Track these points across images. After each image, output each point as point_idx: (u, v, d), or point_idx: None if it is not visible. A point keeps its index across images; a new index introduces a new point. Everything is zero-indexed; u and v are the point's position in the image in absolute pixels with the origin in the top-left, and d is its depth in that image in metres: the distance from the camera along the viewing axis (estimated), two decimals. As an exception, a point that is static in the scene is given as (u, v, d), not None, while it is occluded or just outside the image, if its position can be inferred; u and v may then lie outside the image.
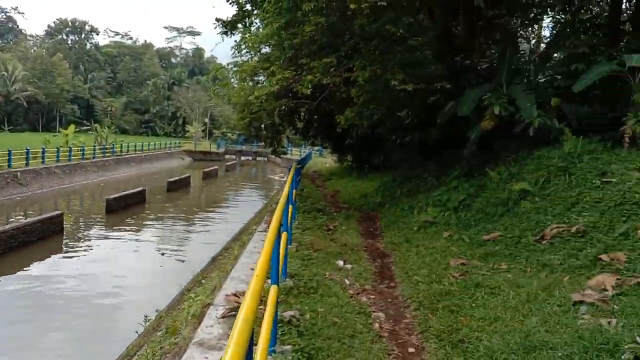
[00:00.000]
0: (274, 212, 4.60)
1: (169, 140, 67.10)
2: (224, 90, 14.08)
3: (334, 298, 5.52)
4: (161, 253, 15.50)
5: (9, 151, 26.04)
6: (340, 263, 7.31)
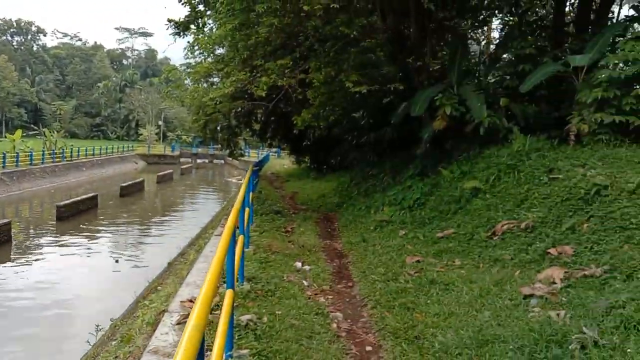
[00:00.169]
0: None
1: (121, 144, 65.28)
2: (177, 92, 13.84)
3: (292, 300, 5.51)
4: (115, 260, 15.06)
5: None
6: (299, 264, 7.30)
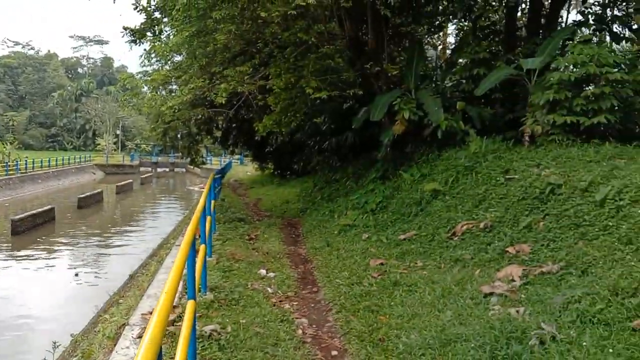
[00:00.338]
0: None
1: (78, 154, 63.52)
2: (134, 100, 13.57)
3: (256, 308, 5.47)
4: (75, 274, 14.61)
5: None
6: (263, 272, 7.26)
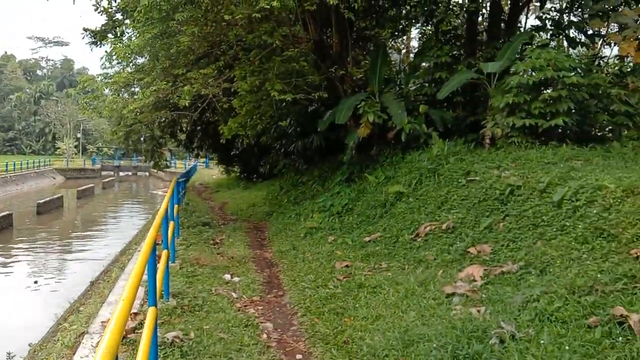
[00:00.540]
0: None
1: (37, 158, 61.55)
2: (94, 103, 13.26)
3: (220, 313, 5.41)
4: (35, 281, 14.14)
5: None
6: (228, 277, 7.20)
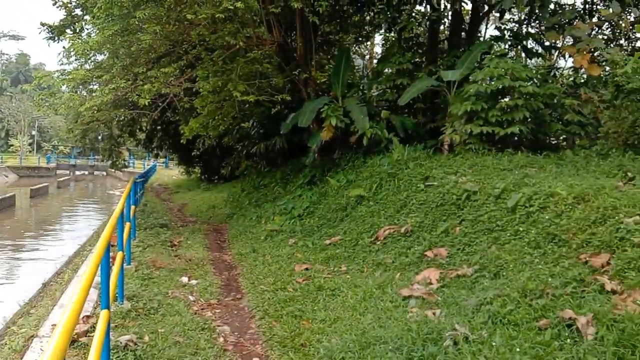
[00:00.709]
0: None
1: (-12, 155, 59.24)
2: (50, 100, 12.85)
3: (176, 317, 5.33)
4: (-18, 284, 13.57)
5: None
6: (185, 279, 7.08)
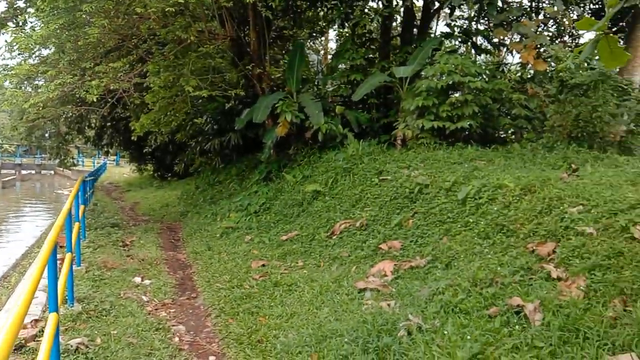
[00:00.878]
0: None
1: None
2: (-10, 96, 12.28)
3: (129, 318, 5.22)
4: None
5: None
6: (138, 280, 6.93)
